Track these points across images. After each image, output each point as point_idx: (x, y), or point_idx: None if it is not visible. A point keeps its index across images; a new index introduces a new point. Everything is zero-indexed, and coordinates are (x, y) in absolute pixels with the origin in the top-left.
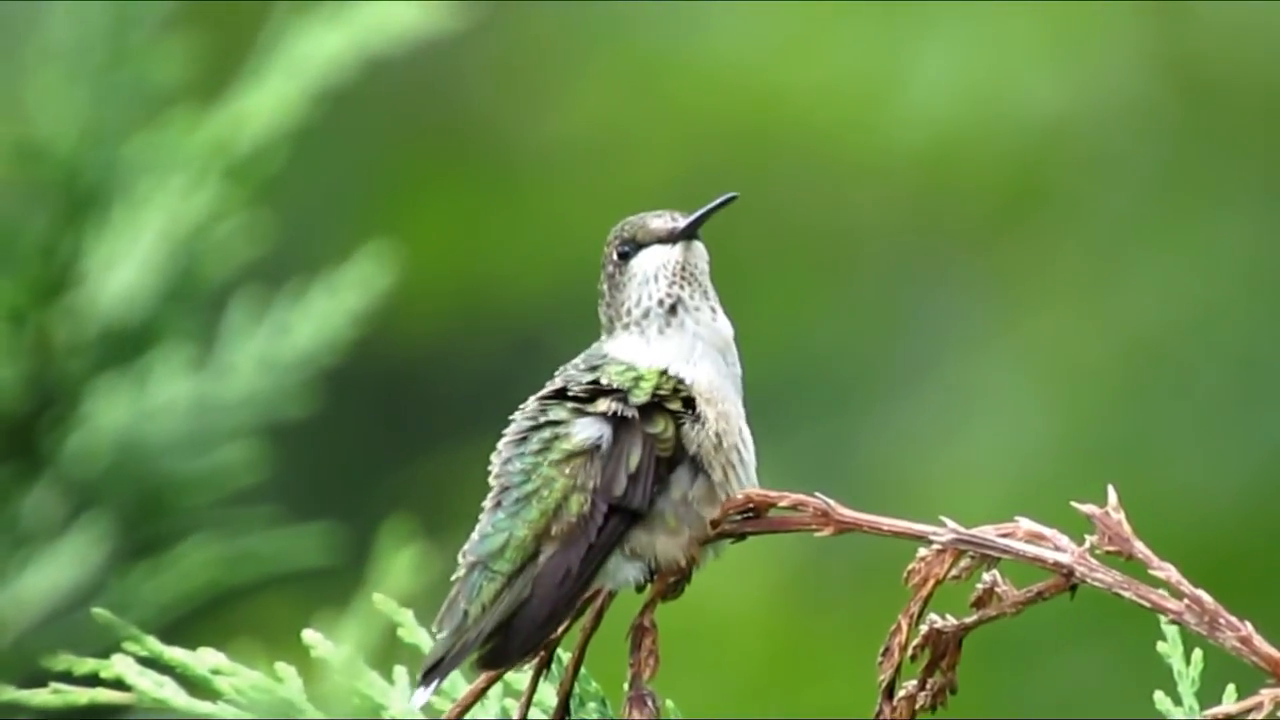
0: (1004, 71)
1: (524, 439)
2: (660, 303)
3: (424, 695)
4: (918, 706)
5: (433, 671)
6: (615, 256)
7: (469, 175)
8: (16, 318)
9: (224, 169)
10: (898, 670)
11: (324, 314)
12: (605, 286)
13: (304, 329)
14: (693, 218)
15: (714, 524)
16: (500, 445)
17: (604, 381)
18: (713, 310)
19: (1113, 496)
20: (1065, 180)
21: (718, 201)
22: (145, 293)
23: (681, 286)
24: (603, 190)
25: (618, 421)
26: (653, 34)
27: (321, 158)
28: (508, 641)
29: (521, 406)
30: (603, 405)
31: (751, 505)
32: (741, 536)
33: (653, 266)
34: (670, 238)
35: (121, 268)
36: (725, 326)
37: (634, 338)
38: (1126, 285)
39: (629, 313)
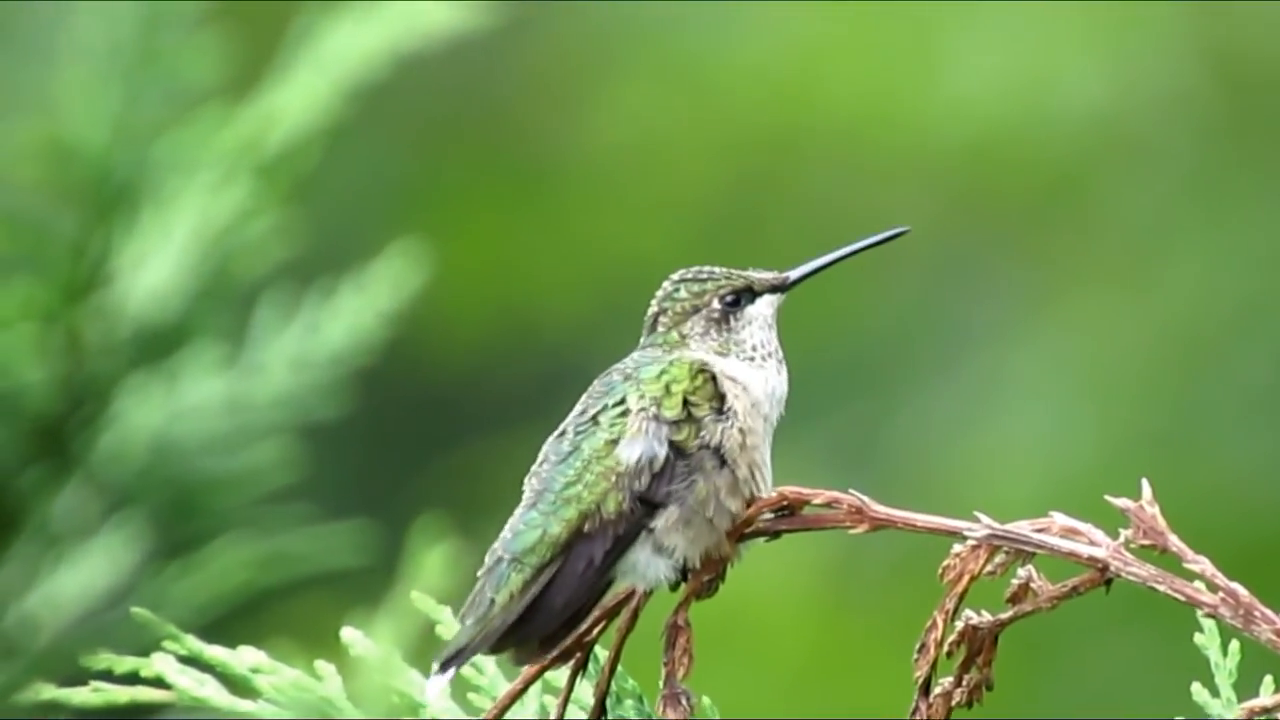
0: (1045, 65)
1: (565, 458)
2: (776, 350)
3: (440, 682)
4: (954, 703)
5: (453, 659)
6: (719, 304)
7: (504, 178)
8: (47, 317)
9: (254, 167)
10: (934, 666)
11: (354, 312)
12: (699, 324)
13: (335, 328)
14: (804, 270)
15: (747, 521)
16: (535, 467)
17: (633, 401)
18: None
19: (1147, 490)
20: (1105, 172)
21: (828, 259)
22: (176, 291)
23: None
24: (638, 195)
25: (655, 436)
26: (689, 38)
27: (355, 158)
28: (526, 629)
29: (560, 428)
30: (637, 426)
31: (785, 502)
32: (775, 534)
33: (770, 312)
34: (783, 287)
35: (152, 266)
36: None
37: (750, 367)
38: (1166, 276)
39: (754, 349)
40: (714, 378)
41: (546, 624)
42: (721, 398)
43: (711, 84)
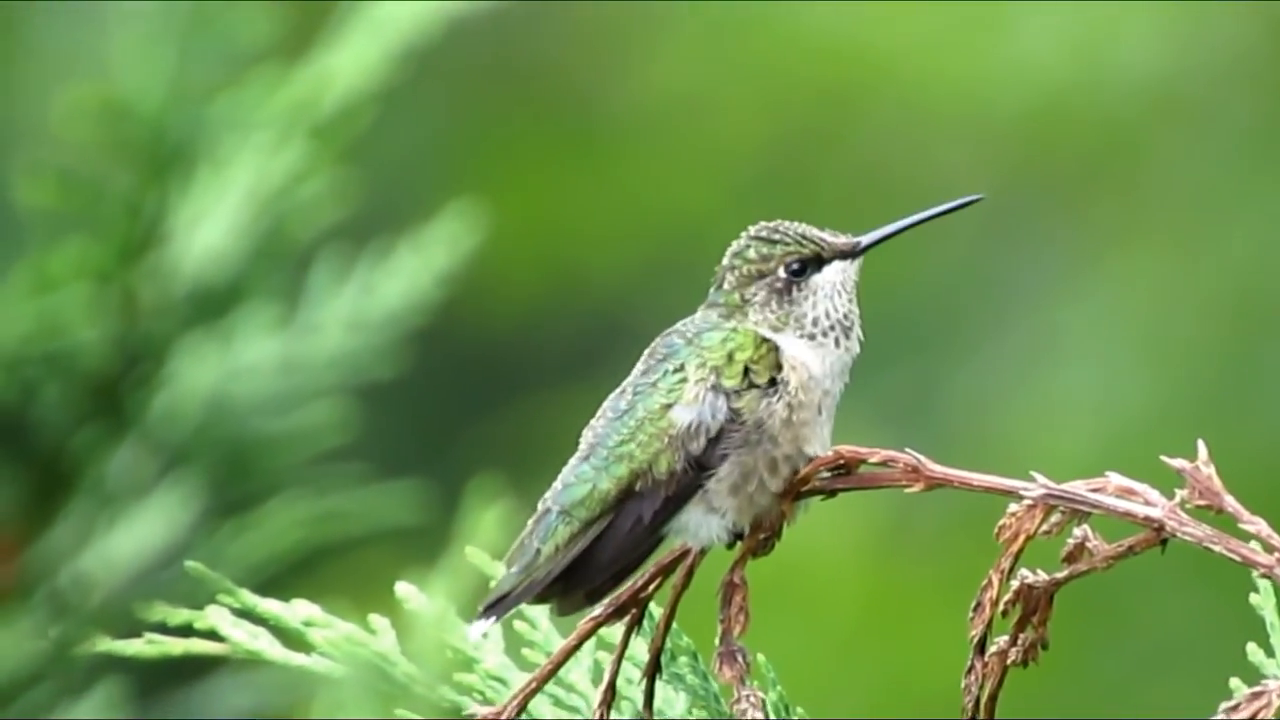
0: (1104, 27)
1: (621, 415)
2: (845, 317)
3: (482, 627)
4: (1009, 661)
5: (495, 606)
6: (784, 273)
7: (554, 133)
8: (102, 277)
9: (309, 128)
10: (989, 626)
11: (410, 273)
12: (761, 292)
13: (390, 288)
14: (877, 236)
15: (804, 480)
16: (593, 421)
17: (693, 367)
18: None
19: (1203, 451)
20: (1162, 133)
21: (900, 225)
22: (231, 252)
23: (854, 304)
24: (689, 150)
25: (710, 404)
26: None
27: (407, 117)
28: (571, 582)
29: (621, 387)
30: (694, 393)
31: (842, 461)
32: (832, 493)
33: (839, 281)
34: (853, 253)
35: (207, 226)
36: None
37: (808, 346)
38: (1221, 236)
39: (814, 323)
40: (777, 348)
41: (592, 578)
42: (779, 368)
43: (766, 40)
